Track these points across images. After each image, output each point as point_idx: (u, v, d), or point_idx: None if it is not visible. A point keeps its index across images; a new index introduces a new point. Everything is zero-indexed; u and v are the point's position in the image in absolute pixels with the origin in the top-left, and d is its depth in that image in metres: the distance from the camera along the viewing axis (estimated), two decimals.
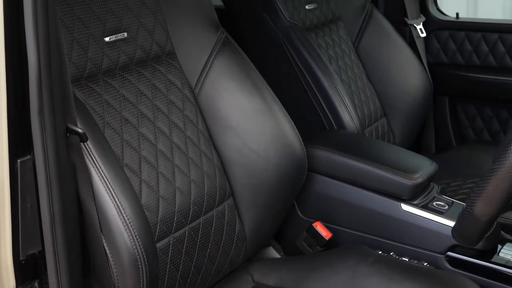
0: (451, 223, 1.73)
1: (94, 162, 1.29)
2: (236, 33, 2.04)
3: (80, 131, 1.19)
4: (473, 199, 1.32)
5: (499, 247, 1.74)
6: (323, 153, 1.95)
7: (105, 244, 1.27)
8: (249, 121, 1.72)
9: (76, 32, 1.47)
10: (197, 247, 1.61)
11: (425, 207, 1.82)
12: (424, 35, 2.78)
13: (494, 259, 1.71)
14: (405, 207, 1.83)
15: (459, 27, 2.81)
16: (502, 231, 1.79)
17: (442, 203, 1.85)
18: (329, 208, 1.94)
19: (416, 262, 1.74)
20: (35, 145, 1.14)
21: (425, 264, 1.74)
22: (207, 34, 1.77)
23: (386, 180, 1.86)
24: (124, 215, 1.28)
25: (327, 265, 1.70)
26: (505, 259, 1.70)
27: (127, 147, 1.50)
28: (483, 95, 2.77)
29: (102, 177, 1.28)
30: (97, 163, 1.29)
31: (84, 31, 1.49)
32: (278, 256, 1.92)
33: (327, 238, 1.89)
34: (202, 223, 1.63)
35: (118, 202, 1.28)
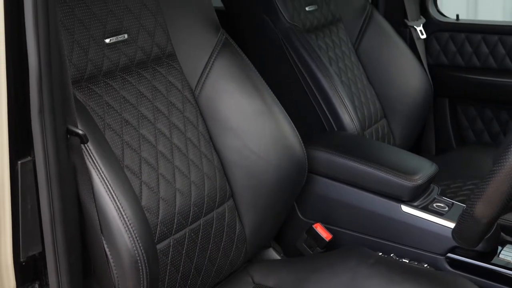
0: (451, 225, 1.73)
1: (94, 163, 1.29)
2: (236, 34, 2.04)
3: (80, 132, 1.19)
4: (473, 201, 1.32)
5: (499, 248, 1.74)
6: (323, 155, 1.95)
7: (106, 245, 1.27)
8: (249, 123, 1.72)
9: (76, 33, 1.47)
10: (197, 248, 1.61)
11: (425, 209, 1.82)
12: (424, 36, 2.77)
13: (494, 260, 1.71)
14: (405, 209, 1.83)
15: (459, 28, 2.81)
16: (502, 233, 1.79)
17: (442, 205, 1.84)
18: (329, 209, 1.94)
19: (416, 263, 1.74)
20: (35, 146, 1.14)
21: (425, 265, 1.74)
22: (207, 35, 1.77)
23: (386, 181, 1.85)
24: (124, 216, 1.28)
25: (327, 267, 1.70)
26: (505, 260, 1.70)
27: (127, 149, 1.50)
28: (483, 97, 2.77)
29: (102, 178, 1.29)
30: (97, 165, 1.29)
31: (84, 32, 1.49)
32: (278, 257, 1.92)
33: (327, 239, 1.89)
34: (202, 224, 1.63)
35: (118, 203, 1.28)
